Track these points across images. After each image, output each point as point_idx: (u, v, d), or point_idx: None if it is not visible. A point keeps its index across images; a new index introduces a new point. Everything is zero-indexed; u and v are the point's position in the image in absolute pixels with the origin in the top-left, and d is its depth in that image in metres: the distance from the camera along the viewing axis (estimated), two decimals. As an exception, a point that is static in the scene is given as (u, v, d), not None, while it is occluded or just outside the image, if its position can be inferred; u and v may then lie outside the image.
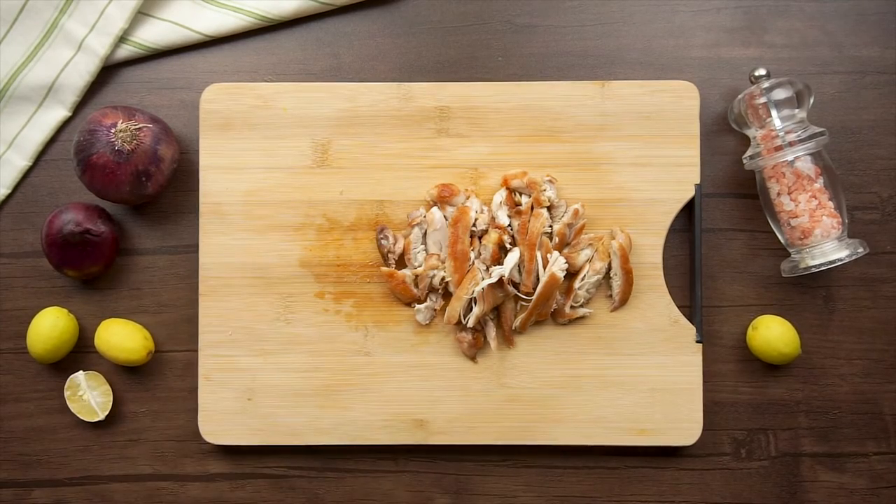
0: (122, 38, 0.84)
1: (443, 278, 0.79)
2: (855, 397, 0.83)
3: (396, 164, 0.81)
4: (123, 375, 0.84)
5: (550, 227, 0.80)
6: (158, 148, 0.79)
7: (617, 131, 0.81)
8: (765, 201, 0.81)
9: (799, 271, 0.79)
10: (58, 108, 0.84)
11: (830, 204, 0.78)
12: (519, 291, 0.79)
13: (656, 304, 0.81)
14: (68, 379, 0.82)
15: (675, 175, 0.81)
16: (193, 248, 0.83)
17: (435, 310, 0.81)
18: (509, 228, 0.80)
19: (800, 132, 0.78)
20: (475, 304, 0.78)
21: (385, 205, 0.81)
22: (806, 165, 0.78)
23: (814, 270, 0.78)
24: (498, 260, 0.79)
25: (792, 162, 0.78)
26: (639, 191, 0.81)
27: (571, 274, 0.80)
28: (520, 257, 0.79)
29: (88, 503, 0.84)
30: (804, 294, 0.83)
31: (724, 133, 0.84)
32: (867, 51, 0.84)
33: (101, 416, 0.82)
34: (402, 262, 0.81)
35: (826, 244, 0.78)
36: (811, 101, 0.80)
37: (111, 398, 0.83)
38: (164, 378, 0.83)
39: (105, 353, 0.81)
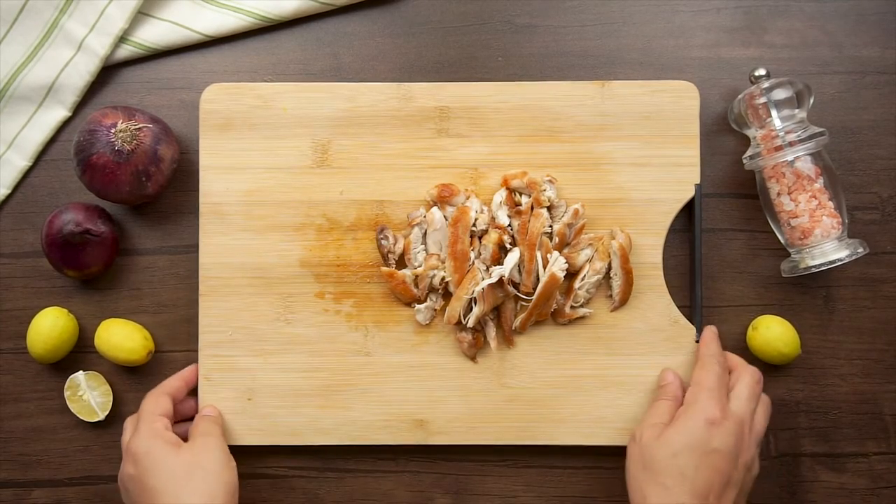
0: (122, 38, 0.84)
1: (443, 278, 0.79)
2: (855, 397, 0.83)
3: (396, 164, 0.81)
4: (123, 375, 0.84)
5: (550, 226, 0.80)
6: (158, 148, 0.79)
7: (617, 131, 0.81)
8: (765, 201, 0.81)
9: (799, 271, 0.79)
10: (58, 108, 0.84)
11: (830, 204, 0.78)
12: (519, 291, 0.79)
13: (656, 304, 0.81)
14: (68, 379, 0.82)
15: (675, 175, 0.81)
16: (193, 248, 0.83)
17: (435, 310, 0.81)
18: (509, 228, 0.79)
19: (800, 132, 0.78)
20: (475, 304, 0.78)
21: (385, 205, 0.81)
22: (806, 165, 0.78)
23: (814, 270, 0.78)
24: (498, 260, 0.79)
25: (792, 162, 0.78)
26: (639, 191, 0.81)
27: (571, 274, 0.80)
28: (520, 257, 0.78)
29: (88, 503, 0.84)
30: (804, 294, 0.83)
31: (724, 133, 0.84)
32: (867, 51, 0.84)
33: (101, 416, 0.82)
34: (402, 263, 0.81)
35: (826, 244, 0.78)
36: (811, 101, 0.80)
37: (111, 398, 0.83)
38: (164, 378, 0.83)
39: (105, 353, 0.81)
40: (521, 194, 0.80)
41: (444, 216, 0.80)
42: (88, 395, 0.82)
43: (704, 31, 0.85)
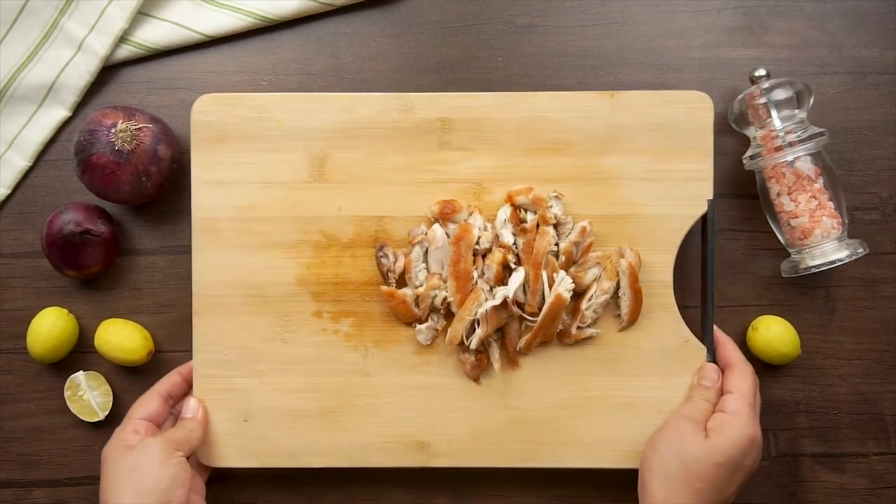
0: (122, 38, 0.84)
1: (444, 298, 0.77)
2: (855, 397, 0.83)
3: (396, 178, 0.78)
4: (123, 375, 0.84)
5: (556, 244, 0.77)
6: (158, 148, 0.79)
7: (627, 144, 0.78)
8: (765, 201, 0.81)
9: (799, 271, 0.79)
10: (58, 108, 0.84)
11: (830, 204, 0.78)
12: (524, 312, 0.76)
13: (666, 323, 0.78)
14: (68, 379, 0.82)
15: (687, 190, 0.77)
16: (193, 248, 0.83)
17: (437, 330, 0.78)
18: (514, 247, 0.77)
19: (800, 132, 0.78)
20: (478, 325, 0.75)
21: (385, 220, 0.78)
22: (806, 166, 0.78)
23: (814, 271, 0.78)
24: (502, 279, 0.76)
25: (792, 162, 0.78)
26: (649, 206, 0.78)
27: (578, 293, 0.77)
28: (525, 277, 0.76)
29: (88, 503, 0.84)
30: (804, 294, 0.83)
31: (724, 133, 0.84)
32: (867, 51, 0.84)
33: (101, 416, 0.82)
34: (402, 280, 0.79)
35: (826, 244, 0.78)
36: (811, 101, 0.80)
37: (111, 398, 0.83)
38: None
39: (105, 353, 0.81)
40: (526, 211, 0.77)
41: (447, 233, 0.77)
42: (88, 395, 0.82)
43: (704, 31, 0.85)
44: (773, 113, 0.79)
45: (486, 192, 0.79)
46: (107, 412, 0.82)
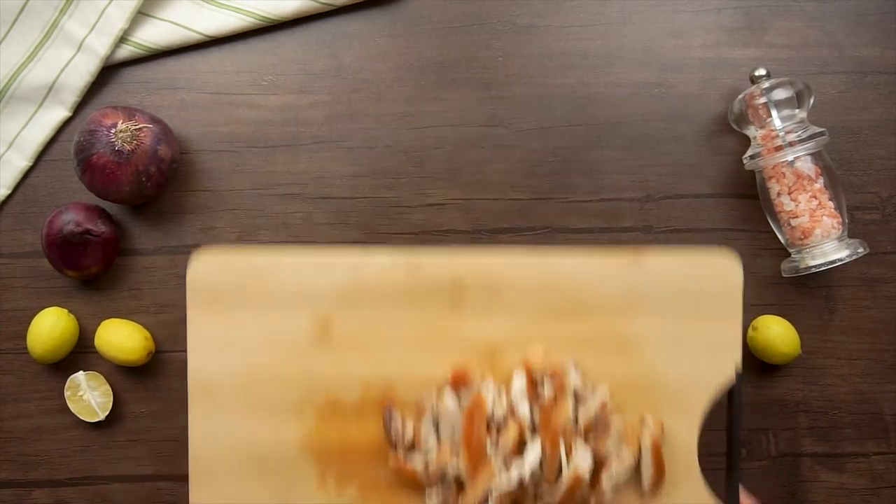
0: (122, 38, 0.84)
1: (457, 475, 0.73)
2: (855, 397, 0.83)
3: (405, 340, 0.74)
4: (123, 375, 0.84)
5: (575, 415, 0.73)
6: (158, 148, 0.79)
7: (649, 308, 0.73)
8: (765, 201, 0.81)
9: (799, 271, 0.79)
10: (58, 108, 0.84)
11: (830, 204, 0.78)
12: (539, 482, 0.71)
13: (689, 492, 0.73)
14: (68, 379, 0.82)
15: (713, 356, 0.73)
16: (194, 248, 0.83)
17: (447, 501, 0.74)
18: (530, 417, 0.73)
19: (800, 132, 0.78)
20: (491, 498, 0.72)
21: (392, 383, 0.74)
22: (806, 165, 0.78)
23: (814, 270, 0.78)
24: (517, 451, 0.72)
25: (792, 162, 0.78)
26: (672, 372, 0.73)
27: (597, 462, 0.73)
28: (541, 450, 0.71)
29: (88, 503, 0.84)
30: (804, 294, 0.84)
31: (724, 133, 0.84)
32: (867, 51, 0.84)
33: (102, 416, 0.82)
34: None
35: (826, 244, 0.78)
36: (811, 101, 0.80)
37: (111, 398, 0.83)
38: (164, 378, 0.83)
39: (105, 353, 0.81)
40: (543, 377, 0.73)
41: (458, 395, 0.73)
42: (88, 395, 0.82)
43: (704, 31, 0.85)
44: (774, 113, 0.79)
45: (501, 354, 0.74)
46: (107, 412, 0.82)
